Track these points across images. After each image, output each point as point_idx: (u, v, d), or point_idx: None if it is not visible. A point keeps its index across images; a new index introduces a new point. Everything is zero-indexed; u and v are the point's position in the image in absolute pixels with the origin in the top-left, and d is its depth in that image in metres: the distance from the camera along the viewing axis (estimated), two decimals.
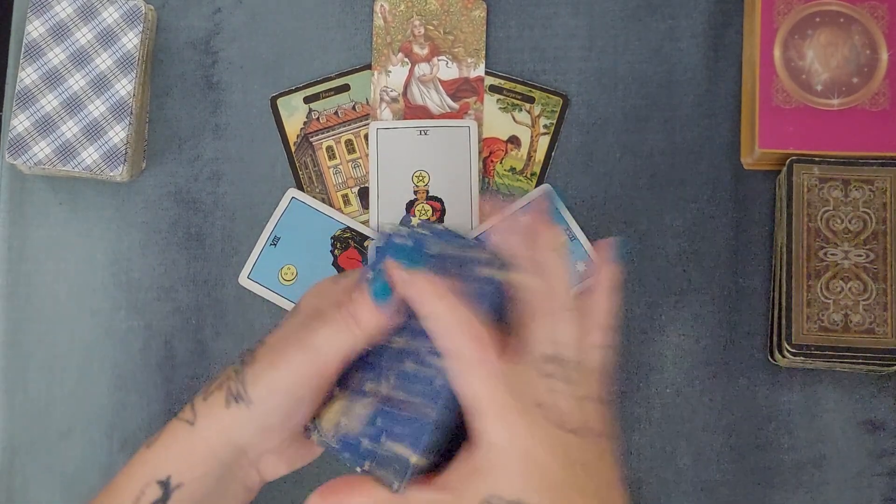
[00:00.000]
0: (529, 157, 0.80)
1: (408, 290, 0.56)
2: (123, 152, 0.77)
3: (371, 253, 0.79)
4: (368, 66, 0.82)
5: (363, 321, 0.57)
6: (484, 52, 0.81)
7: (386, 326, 0.58)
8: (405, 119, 0.81)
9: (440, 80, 0.81)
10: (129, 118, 0.77)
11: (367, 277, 0.59)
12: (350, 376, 0.60)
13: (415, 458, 0.55)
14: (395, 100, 0.81)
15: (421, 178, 0.80)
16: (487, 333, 0.53)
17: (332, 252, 0.79)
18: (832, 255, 0.75)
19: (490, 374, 0.52)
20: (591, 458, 0.53)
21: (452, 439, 0.56)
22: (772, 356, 0.77)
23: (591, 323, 0.56)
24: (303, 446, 0.62)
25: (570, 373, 0.54)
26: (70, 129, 0.77)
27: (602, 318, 0.56)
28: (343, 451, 0.58)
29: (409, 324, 0.58)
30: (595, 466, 0.53)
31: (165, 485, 0.58)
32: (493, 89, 0.81)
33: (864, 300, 0.74)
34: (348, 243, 0.79)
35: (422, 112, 0.81)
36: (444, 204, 0.80)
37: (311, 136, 0.81)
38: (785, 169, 0.77)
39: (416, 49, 0.81)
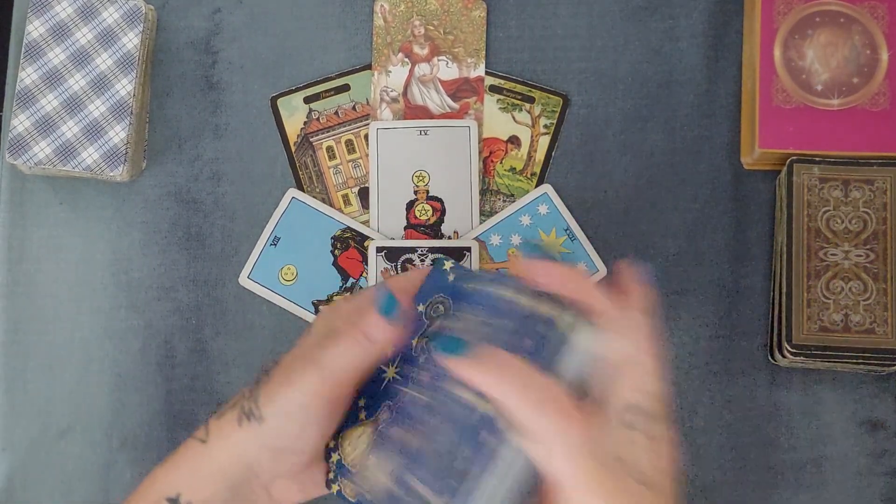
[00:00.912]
0: (529, 157, 0.80)
1: (472, 377, 0.51)
2: (123, 152, 0.77)
3: (372, 255, 0.79)
4: (368, 66, 0.82)
5: (372, 335, 0.57)
6: (484, 52, 0.81)
7: (397, 340, 0.58)
8: (405, 119, 0.81)
9: (440, 80, 0.81)
10: (129, 118, 0.77)
11: (377, 294, 0.58)
12: (377, 409, 0.60)
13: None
14: (395, 100, 0.81)
15: (421, 178, 0.80)
16: (565, 396, 0.51)
17: (332, 252, 0.79)
18: (832, 255, 0.75)
19: (575, 445, 0.50)
20: None
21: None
22: (772, 356, 0.77)
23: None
24: (318, 474, 0.61)
25: (650, 420, 0.52)
26: (70, 129, 0.77)
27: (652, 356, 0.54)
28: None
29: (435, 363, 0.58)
30: None
31: (175, 502, 0.58)
32: (493, 89, 0.81)
33: (864, 300, 0.74)
34: (348, 243, 0.79)
35: (422, 112, 0.81)
36: (444, 204, 0.80)
37: (312, 136, 0.81)
38: (785, 169, 0.77)
39: (416, 49, 0.81)
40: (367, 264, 0.79)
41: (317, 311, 0.79)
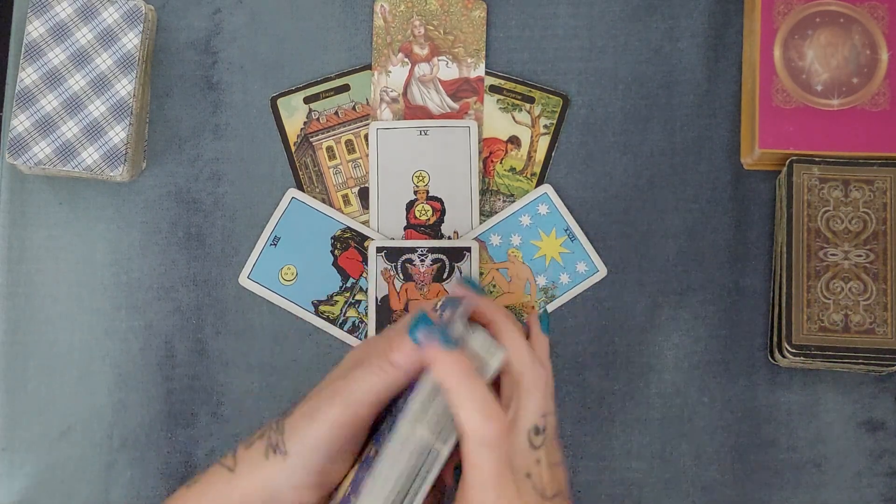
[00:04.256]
0: (529, 157, 0.80)
1: (439, 367, 0.56)
2: (123, 152, 0.77)
3: (372, 255, 0.79)
4: (368, 66, 0.82)
5: (397, 361, 0.57)
6: (484, 52, 0.81)
7: (419, 364, 0.58)
8: (405, 119, 0.81)
9: (440, 80, 0.81)
10: (129, 118, 0.77)
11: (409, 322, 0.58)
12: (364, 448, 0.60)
13: None
14: (395, 100, 0.81)
15: (421, 178, 0.80)
16: (503, 412, 0.55)
17: (332, 252, 0.79)
18: (832, 255, 0.75)
19: (500, 452, 0.54)
20: None
21: None
22: (772, 356, 0.77)
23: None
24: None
25: (548, 442, 0.57)
26: (70, 129, 0.77)
27: (549, 387, 0.59)
28: None
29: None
30: None
31: None
32: (493, 89, 0.81)
33: (864, 300, 0.74)
34: (348, 243, 0.79)
35: (422, 112, 0.81)
36: (444, 204, 0.80)
37: (312, 136, 0.81)
38: (785, 169, 0.77)
39: (416, 49, 0.81)
40: (366, 264, 0.79)
41: (317, 311, 0.79)
